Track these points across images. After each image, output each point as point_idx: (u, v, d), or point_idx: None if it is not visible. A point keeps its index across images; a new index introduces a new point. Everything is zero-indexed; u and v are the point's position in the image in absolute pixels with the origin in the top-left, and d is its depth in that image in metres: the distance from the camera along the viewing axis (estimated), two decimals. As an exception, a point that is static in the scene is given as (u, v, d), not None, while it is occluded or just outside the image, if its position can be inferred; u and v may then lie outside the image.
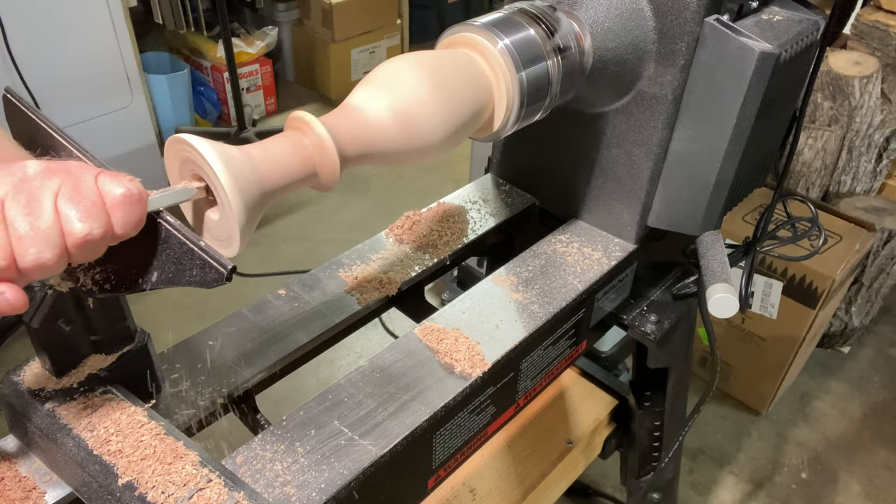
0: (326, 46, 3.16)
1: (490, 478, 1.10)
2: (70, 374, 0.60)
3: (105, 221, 0.45)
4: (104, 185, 0.46)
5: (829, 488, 1.88)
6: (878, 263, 2.06)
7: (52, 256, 0.44)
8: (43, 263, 0.43)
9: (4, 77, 2.02)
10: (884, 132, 2.09)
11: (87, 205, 0.45)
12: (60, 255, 0.44)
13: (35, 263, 0.43)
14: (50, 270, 0.44)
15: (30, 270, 0.43)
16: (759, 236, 0.96)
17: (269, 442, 0.62)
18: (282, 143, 0.56)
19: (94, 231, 0.45)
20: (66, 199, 0.44)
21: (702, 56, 0.74)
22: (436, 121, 0.62)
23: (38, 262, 0.43)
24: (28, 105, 0.55)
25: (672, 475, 1.31)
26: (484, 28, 0.66)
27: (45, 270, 0.44)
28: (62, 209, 0.44)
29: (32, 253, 0.43)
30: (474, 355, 0.71)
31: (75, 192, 0.45)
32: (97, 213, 0.45)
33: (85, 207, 0.44)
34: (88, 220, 0.44)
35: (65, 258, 0.45)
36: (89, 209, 0.45)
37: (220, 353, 0.72)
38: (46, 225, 0.43)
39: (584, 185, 0.89)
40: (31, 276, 0.44)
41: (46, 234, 0.43)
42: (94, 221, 0.45)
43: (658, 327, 0.94)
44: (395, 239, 0.88)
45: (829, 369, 2.21)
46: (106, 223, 0.46)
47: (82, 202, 0.45)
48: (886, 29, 2.11)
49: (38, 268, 0.44)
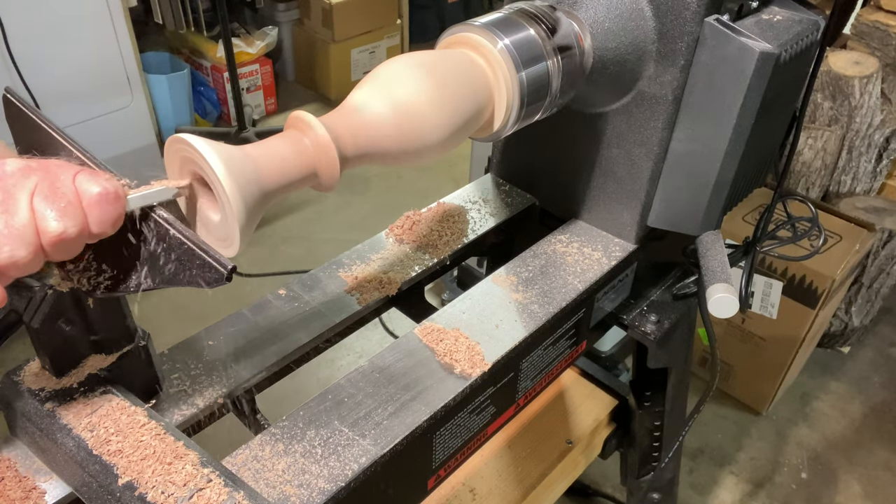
0: (326, 46, 3.16)
1: (490, 478, 1.10)
2: (70, 374, 0.60)
3: (81, 220, 0.46)
4: (81, 184, 0.46)
5: (829, 488, 1.88)
6: (878, 263, 2.06)
7: (26, 255, 0.44)
8: (16, 262, 0.44)
9: (4, 77, 2.02)
10: (884, 132, 2.09)
11: (62, 203, 0.45)
12: (35, 254, 0.44)
13: (8, 261, 0.43)
14: (25, 268, 0.45)
15: (4, 268, 0.44)
16: (759, 236, 0.96)
17: (269, 442, 0.62)
18: (282, 143, 0.56)
19: (70, 230, 0.45)
20: (42, 197, 0.44)
21: (702, 56, 0.74)
22: (436, 121, 0.62)
23: (12, 260, 0.44)
24: (28, 105, 0.55)
25: (672, 475, 1.31)
26: (484, 28, 0.66)
27: (20, 268, 0.44)
28: (38, 208, 0.44)
29: (6, 251, 0.43)
30: (474, 355, 0.71)
31: (52, 190, 0.45)
32: (73, 211, 0.45)
33: (61, 206, 0.45)
34: (63, 219, 0.45)
35: (40, 256, 0.45)
36: (65, 208, 0.45)
37: (220, 354, 0.72)
38: (21, 223, 0.44)
39: (584, 185, 0.89)
40: (6, 274, 0.44)
41: (21, 232, 0.44)
42: (70, 220, 0.45)
43: (658, 327, 0.94)
44: (395, 239, 0.88)
45: (829, 369, 2.21)
46: (82, 222, 0.46)
47: (58, 201, 0.45)
48: (886, 29, 2.11)
49: (11, 266, 0.44)
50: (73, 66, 2.19)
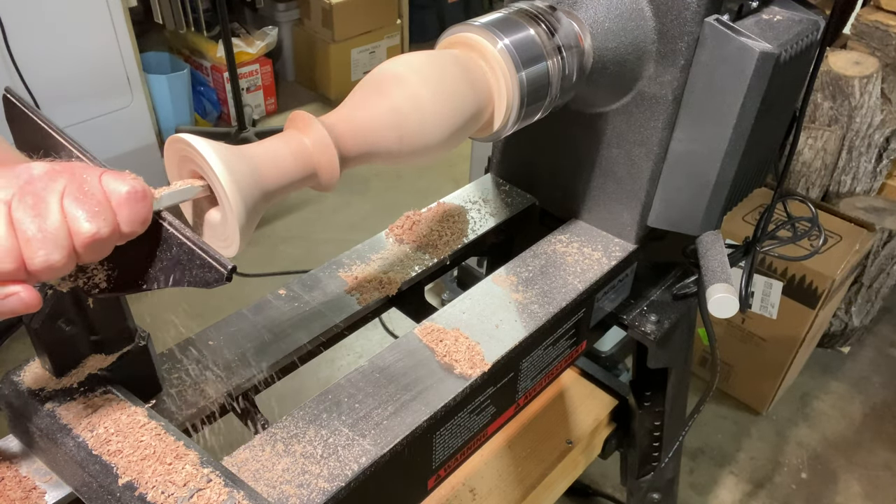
0: (326, 46, 3.16)
1: (490, 478, 1.10)
2: (70, 374, 0.60)
3: (112, 220, 0.45)
4: (109, 184, 0.46)
5: (829, 488, 1.88)
6: (878, 263, 2.06)
7: (61, 258, 0.44)
8: (52, 265, 0.44)
9: (4, 77, 2.02)
10: (884, 132, 2.09)
11: (93, 204, 0.45)
12: (69, 256, 0.44)
13: (44, 265, 0.43)
14: (59, 271, 0.44)
15: (39, 272, 0.44)
16: (759, 236, 0.96)
17: (269, 442, 0.62)
18: (282, 143, 0.56)
19: (102, 230, 0.45)
20: (72, 199, 0.44)
21: (702, 56, 0.74)
22: (436, 121, 0.62)
23: (48, 264, 0.43)
24: (28, 105, 0.55)
25: (672, 475, 1.31)
26: (484, 28, 0.66)
27: (55, 271, 0.44)
28: (69, 210, 0.44)
29: (41, 255, 0.43)
30: (474, 355, 0.71)
31: (81, 191, 0.45)
32: (104, 212, 0.45)
33: (91, 207, 0.45)
34: (95, 220, 0.44)
35: (73, 258, 0.45)
36: (96, 209, 0.45)
37: (220, 354, 0.72)
38: (54, 226, 0.43)
39: (583, 185, 0.89)
40: (40, 278, 0.44)
41: (55, 235, 0.43)
42: (101, 221, 0.45)
43: (658, 327, 0.94)
44: (395, 239, 0.88)
45: (829, 369, 2.21)
46: (113, 222, 0.46)
47: (88, 202, 0.45)
48: (886, 29, 2.11)
49: (47, 269, 0.44)
50: (73, 66, 2.19)
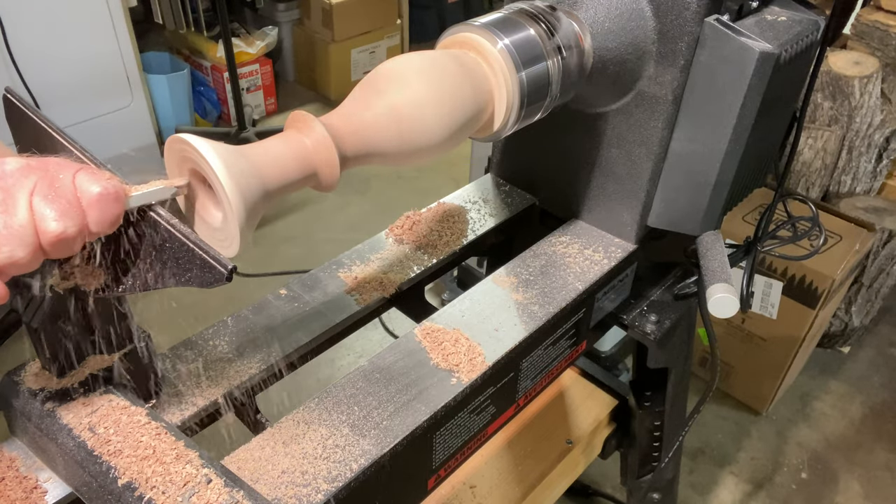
0: (326, 46, 3.16)
1: (490, 477, 1.10)
2: (70, 374, 0.60)
3: (80, 220, 0.45)
4: (81, 184, 0.46)
5: (829, 488, 1.88)
6: (878, 263, 2.06)
7: (25, 255, 0.44)
8: (16, 261, 0.44)
9: (4, 77, 2.02)
10: (884, 132, 2.09)
11: (62, 203, 0.45)
12: (34, 254, 0.44)
13: (7, 261, 0.44)
14: (23, 268, 0.45)
15: (3, 267, 0.44)
16: (759, 236, 0.96)
17: (269, 442, 0.62)
18: (282, 143, 0.56)
19: (69, 230, 0.45)
20: (41, 196, 0.44)
21: (702, 56, 0.74)
22: (436, 121, 0.62)
23: (11, 261, 0.44)
24: (28, 105, 0.55)
25: (672, 475, 1.31)
26: (484, 28, 0.66)
27: (19, 268, 0.44)
28: (37, 207, 0.44)
29: (5, 251, 0.43)
30: (474, 355, 0.71)
31: (51, 189, 0.45)
32: (72, 211, 0.45)
33: (60, 206, 0.45)
34: (63, 219, 0.45)
35: (39, 255, 0.45)
36: (65, 208, 0.45)
37: (220, 354, 0.72)
38: (20, 223, 0.44)
39: (584, 186, 0.89)
40: (6, 273, 0.44)
41: (20, 232, 0.43)
42: (69, 220, 0.45)
43: (658, 327, 0.94)
44: (394, 239, 0.88)
45: (829, 369, 2.21)
46: (81, 222, 0.46)
47: (58, 200, 0.45)
48: (886, 29, 2.11)
49: (10, 265, 0.44)
50: (73, 66, 2.19)
